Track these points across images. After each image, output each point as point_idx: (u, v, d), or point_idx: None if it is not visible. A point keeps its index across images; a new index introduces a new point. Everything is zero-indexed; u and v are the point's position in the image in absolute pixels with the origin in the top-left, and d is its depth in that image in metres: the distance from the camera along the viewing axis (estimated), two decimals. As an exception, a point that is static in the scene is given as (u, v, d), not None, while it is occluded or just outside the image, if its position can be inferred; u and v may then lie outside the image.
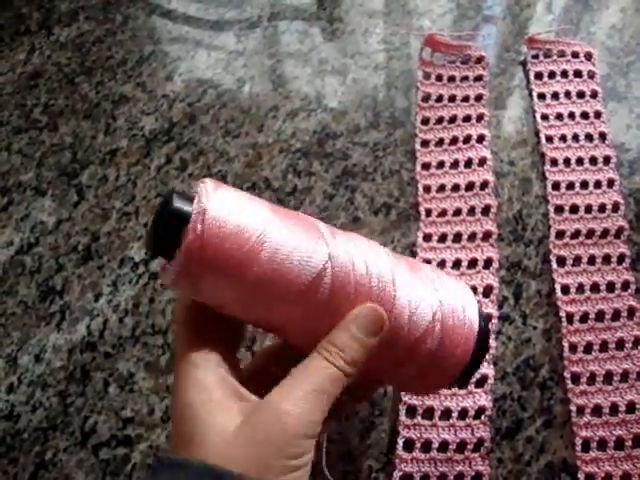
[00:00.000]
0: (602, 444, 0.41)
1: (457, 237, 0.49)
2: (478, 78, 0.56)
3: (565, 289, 0.47)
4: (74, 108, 0.60)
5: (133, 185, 0.54)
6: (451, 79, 0.56)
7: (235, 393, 0.30)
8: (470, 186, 0.51)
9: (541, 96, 0.55)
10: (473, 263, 0.48)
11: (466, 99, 0.55)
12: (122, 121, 0.58)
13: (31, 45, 0.64)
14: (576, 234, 0.48)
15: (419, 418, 0.43)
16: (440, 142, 0.53)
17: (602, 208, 0.49)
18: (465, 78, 0.56)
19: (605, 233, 0.48)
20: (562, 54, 0.57)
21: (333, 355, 0.29)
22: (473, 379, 0.43)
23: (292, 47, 0.61)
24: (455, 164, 0.52)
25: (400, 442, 0.42)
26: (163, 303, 0.49)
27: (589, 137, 0.53)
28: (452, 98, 0.55)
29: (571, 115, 0.54)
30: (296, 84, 0.58)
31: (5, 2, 0.68)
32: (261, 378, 0.31)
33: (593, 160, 0.51)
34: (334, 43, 0.60)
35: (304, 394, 0.28)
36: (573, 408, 0.43)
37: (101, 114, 0.59)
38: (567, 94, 0.55)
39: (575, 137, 0.53)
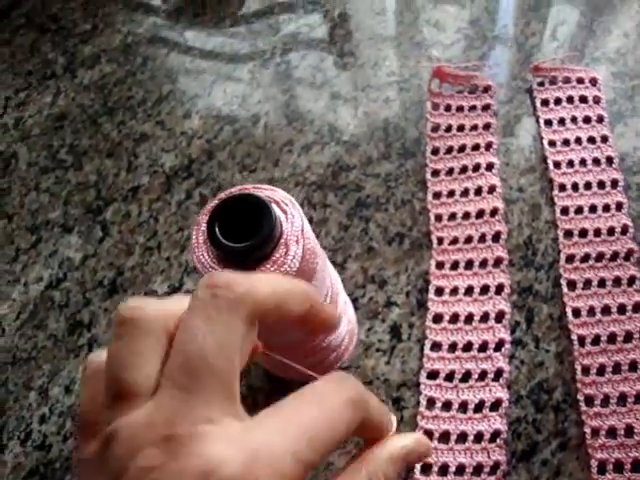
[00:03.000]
0: (618, 466, 0.42)
1: (469, 264, 0.50)
2: (486, 107, 0.57)
3: (576, 312, 0.47)
4: (97, 147, 0.62)
5: (155, 221, 0.56)
6: (459, 109, 0.58)
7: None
8: (480, 214, 0.52)
9: (548, 122, 0.56)
10: (485, 289, 0.49)
11: (474, 128, 0.56)
12: (143, 158, 0.61)
13: (57, 88, 0.67)
14: (586, 258, 0.49)
15: (436, 442, 0.44)
16: (450, 171, 0.55)
17: (611, 231, 0.50)
18: (473, 107, 0.57)
19: (615, 256, 0.49)
20: (567, 80, 0.58)
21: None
22: (489, 403, 0.44)
23: (304, 82, 0.63)
24: (465, 192, 0.53)
25: (418, 466, 0.43)
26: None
27: (596, 161, 0.54)
28: (461, 127, 0.57)
29: (578, 140, 0.55)
30: (309, 118, 0.60)
31: (34, 49, 0.71)
32: None
33: (601, 184, 0.52)
34: (345, 77, 0.63)
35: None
36: (587, 430, 0.43)
37: (123, 152, 0.61)
38: (573, 120, 0.56)
39: (582, 162, 0.54)
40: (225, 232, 0.31)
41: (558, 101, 0.57)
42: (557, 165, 0.54)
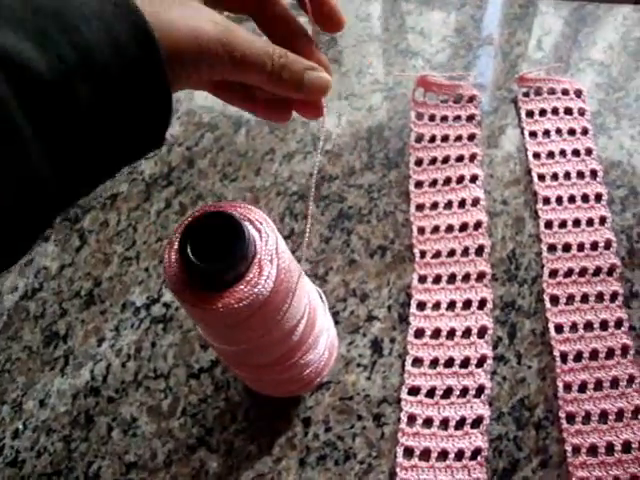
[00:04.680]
0: (598, 484, 0.42)
1: (451, 278, 0.50)
2: (470, 117, 0.57)
3: (559, 328, 0.47)
4: (76, 153, 0.61)
5: (134, 230, 0.55)
6: (444, 119, 0.57)
7: None
8: (464, 227, 0.52)
9: (533, 134, 0.56)
10: (467, 304, 0.48)
11: (459, 138, 0.56)
12: (123, 165, 0.59)
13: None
14: (569, 272, 0.49)
15: (416, 460, 0.44)
16: (434, 183, 0.54)
17: (594, 246, 0.50)
18: (458, 117, 0.57)
19: (598, 271, 0.49)
20: (552, 92, 0.58)
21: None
22: (469, 420, 0.44)
23: (288, 89, 0.62)
24: (449, 205, 0.53)
25: (398, 483, 0.43)
26: (165, 347, 0.50)
27: (581, 175, 0.53)
28: (445, 138, 0.56)
29: (562, 153, 0.55)
30: (291, 126, 0.59)
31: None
32: None
33: (585, 198, 0.52)
34: (329, 84, 0.62)
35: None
36: (568, 448, 0.43)
37: (102, 159, 0.60)
38: (558, 131, 0.56)
39: (567, 175, 0.53)
40: (198, 251, 0.30)
41: (543, 112, 0.57)
42: (541, 178, 0.54)
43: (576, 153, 0.54)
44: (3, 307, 0.53)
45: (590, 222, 0.51)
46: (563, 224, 0.51)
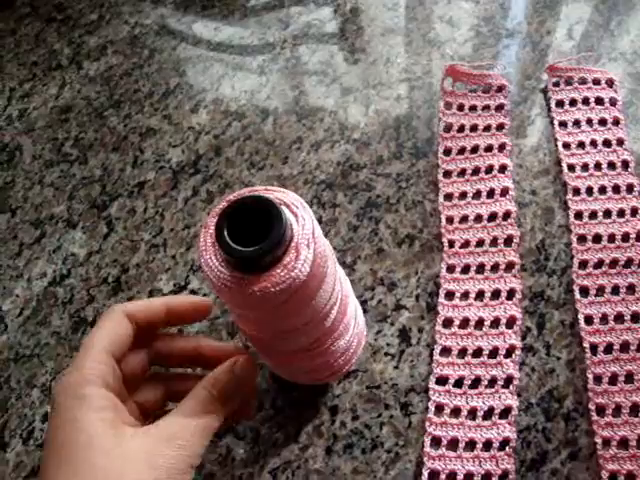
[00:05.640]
0: (630, 477, 0.41)
1: (480, 268, 0.49)
2: (499, 107, 0.56)
3: (589, 320, 0.47)
4: (103, 141, 0.61)
5: (161, 217, 0.56)
6: (472, 108, 0.57)
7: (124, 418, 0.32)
8: (493, 217, 0.51)
9: (562, 124, 0.55)
10: (496, 294, 0.48)
11: (488, 128, 0.55)
12: (149, 153, 0.60)
13: (62, 80, 0.66)
14: (599, 264, 0.49)
15: (444, 449, 0.43)
16: (462, 172, 0.54)
17: (625, 237, 0.49)
18: (487, 107, 0.56)
19: (629, 262, 0.48)
20: (583, 81, 0.57)
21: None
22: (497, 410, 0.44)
23: (314, 78, 0.62)
24: (477, 194, 0.52)
25: (425, 473, 0.42)
26: (192, 334, 0.50)
27: (611, 165, 0.53)
28: (474, 128, 0.56)
29: (593, 143, 0.54)
30: (319, 115, 0.59)
31: (39, 39, 0.70)
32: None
33: (616, 188, 0.52)
34: (356, 73, 0.61)
35: (195, 428, 0.32)
36: (599, 440, 0.43)
37: (129, 147, 0.61)
38: (589, 122, 0.55)
39: (597, 165, 0.53)
40: (234, 235, 0.30)
41: (573, 102, 0.56)
42: (571, 168, 0.53)
43: (607, 143, 0.54)
44: (32, 293, 0.54)
45: (621, 213, 0.50)
46: (593, 215, 0.51)
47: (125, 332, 0.35)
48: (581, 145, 0.54)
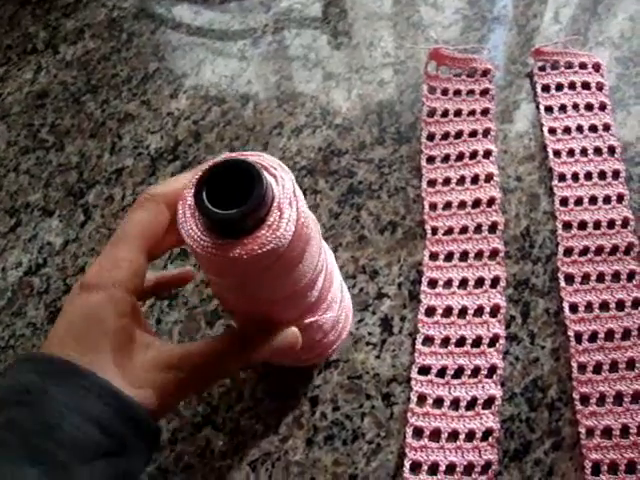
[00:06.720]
0: (613, 467, 0.41)
1: (464, 255, 0.48)
2: (484, 91, 0.55)
3: (573, 308, 0.46)
4: (80, 127, 0.60)
5: (139, 205, 0.54)
6: (457, 93, 0.56)
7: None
8: (477, 203, 0.50)
9: (548, 109, 0.54)
10: (480, 282, 0.47)
11: (472, 113, 0.54)
12: (127, 140, 0.58)
13: (38, 64, 0.65)
14: (585, 251, 0.48)
15: (426, 440, 0.43)
16: (446, 158, 0.53)
17: (611, 224, 0.49)
18: (471, 92, 0.55)
19: (614, 250, 0.48)
20: (570, 65, 0.56)
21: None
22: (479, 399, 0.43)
23: (296, 62, 0.61)
24: (461, 180, 0.51)
25: (407, 464, 0.42)
26: (170, 324, 0.49)
27: (598, 151, 0.52)
28: (458, 112, 0.55)
29: (579, 128, 0.53)
30: (301, 100, 0.58)
31: (13, 22, 0.68)
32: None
33: (602, 174, 0.51)
34: (339, 57, 0.60)
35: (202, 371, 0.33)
36: (582, 430, 0.42)
37: (107, 133, 0.59)
38: (575, 107, 0.54)
39: (583, 151, 0.52)
40: (214, 203, 0.29)
41: (560, 87, 0.55)
42: (557, 154, 0.52)
43: (593, 129, 0.53)
44: (7, 283, 0.52)
45: (607, 199, 0.50)
46: (579, 201, 0.50)
47: (163, 223, 0.33)
48: (567, 130, 0.53)
